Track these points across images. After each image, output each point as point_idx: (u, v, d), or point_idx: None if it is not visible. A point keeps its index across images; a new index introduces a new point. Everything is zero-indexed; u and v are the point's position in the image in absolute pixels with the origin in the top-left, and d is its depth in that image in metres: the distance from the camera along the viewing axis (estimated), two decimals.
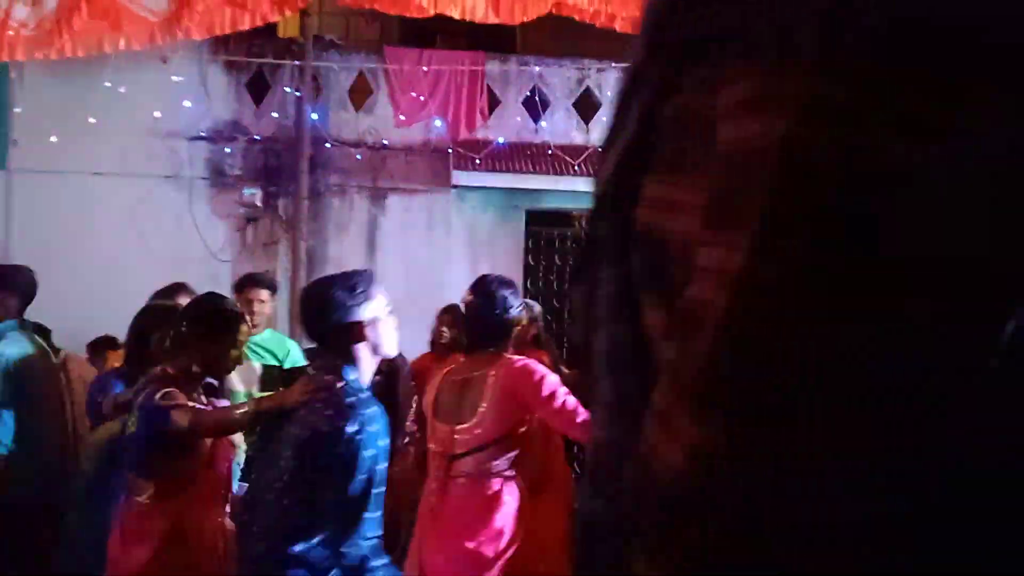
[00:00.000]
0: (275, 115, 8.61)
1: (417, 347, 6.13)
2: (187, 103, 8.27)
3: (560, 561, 3.33)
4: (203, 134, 8.54)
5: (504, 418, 3.00)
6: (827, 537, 0.39)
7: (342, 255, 8.63)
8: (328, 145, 8.63)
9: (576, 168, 8.50)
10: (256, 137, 8.62)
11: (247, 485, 2.92)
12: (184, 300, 3.72)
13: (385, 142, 8.75)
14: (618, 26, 6.68)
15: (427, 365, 5.13)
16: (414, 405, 4.26)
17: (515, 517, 3.04)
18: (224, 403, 3.15)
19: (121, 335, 6.96)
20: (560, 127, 9.00)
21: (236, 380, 3.99)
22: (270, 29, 9.60)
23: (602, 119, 9.04)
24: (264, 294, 4.87)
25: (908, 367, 0.39)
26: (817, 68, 0.40)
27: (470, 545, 2.97)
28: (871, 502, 0.39)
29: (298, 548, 2.37)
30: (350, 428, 2.40)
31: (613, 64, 8.93)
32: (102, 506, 3.21)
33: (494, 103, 8.93)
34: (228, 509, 2.96)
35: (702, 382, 0.42)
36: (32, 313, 5.11)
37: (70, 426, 4.84)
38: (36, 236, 8.11)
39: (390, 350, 2.71)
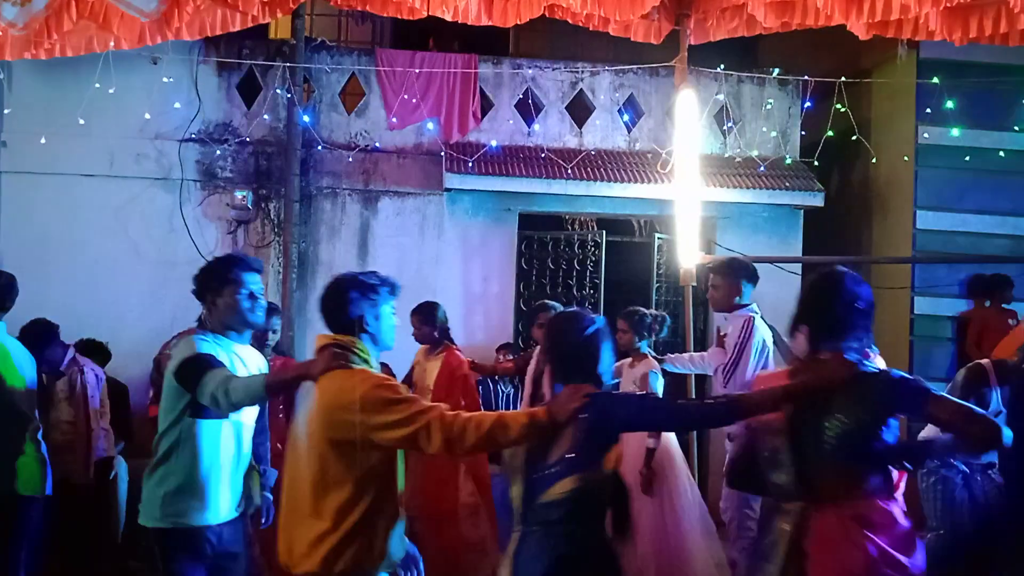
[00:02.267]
0: (266, 117, 8.56)
1: (407, 348, 6.11)
2: (177, 104, 8.23)
3: None
4: (193, 136, 8.50)
5: None
6: None
7: (334, 258, 8.59)
8: (320, 147, 8.59)
9: (569, 171, 8.48)
10: (247, 139, 8.58)
11: None
12: None
13: (377, 145, 8.72)
14: (611, 29, 6.66)
15: None
16: None
17: None
18: None
19: (110, 337, 6.93)
20: (553, 130, 8.98)
21: None
22: (261, 30, 9.57)
23: (595, 122, 9.02)
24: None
25: None
26: None
27: None
28: None
29: None
30: None
31: (606, 67, 8.91)
32: None
33: (487, 106, 8.90)
34: None
35: None
36: (22, 314, 5.08)
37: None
38: (25, 238, 8.06)
39: None
